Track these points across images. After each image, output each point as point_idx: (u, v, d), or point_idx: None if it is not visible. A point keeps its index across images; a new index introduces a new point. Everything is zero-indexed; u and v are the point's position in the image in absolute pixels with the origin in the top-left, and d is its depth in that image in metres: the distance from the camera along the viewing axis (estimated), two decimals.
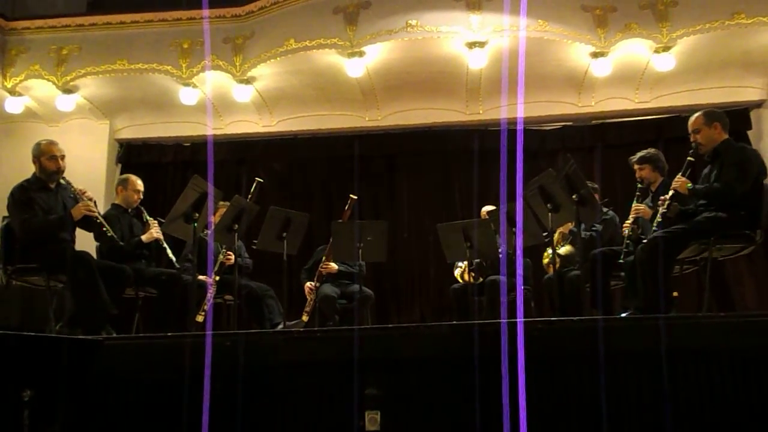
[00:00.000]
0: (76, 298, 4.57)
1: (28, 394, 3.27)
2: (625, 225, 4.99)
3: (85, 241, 5.08)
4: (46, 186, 4.80)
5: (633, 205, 4.96)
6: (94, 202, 4.87)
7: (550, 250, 5.50)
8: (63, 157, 4.82)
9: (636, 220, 4.92)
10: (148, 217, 5.28)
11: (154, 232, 5.19)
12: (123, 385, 3.67)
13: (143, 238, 5.20)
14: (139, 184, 5.43)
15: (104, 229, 4.78)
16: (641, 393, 3.31)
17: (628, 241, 4.88)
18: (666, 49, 6.62)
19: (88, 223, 4.82)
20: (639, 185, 5.05)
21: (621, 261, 4.84)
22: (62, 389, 3.48)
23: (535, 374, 3.22)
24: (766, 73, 7.21)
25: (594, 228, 5.41)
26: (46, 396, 3.40)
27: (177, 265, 5.23)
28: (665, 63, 6.75)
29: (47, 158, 4.77)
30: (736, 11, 6.42)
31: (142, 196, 5.42)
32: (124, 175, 5.65)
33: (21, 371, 3.39)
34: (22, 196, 4.68)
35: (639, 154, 5.13)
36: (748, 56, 6.92)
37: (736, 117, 6.62)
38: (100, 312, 4.50)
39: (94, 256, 5.12)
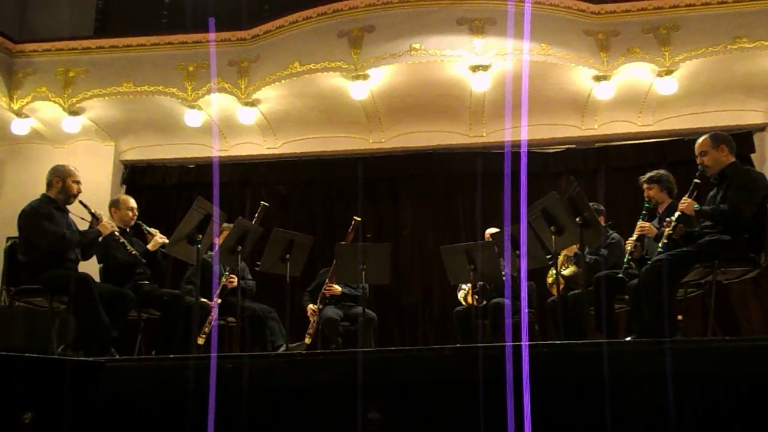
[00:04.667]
0: (78, 321, 4.59)
1: (28, 416, 3.26)
2: (627, 242, 4.97)
3: (86, 263, 5.10)
4: (57, 207, 4.86)
5: (638, 223, 4.95)
6: None
7: (553, 271, 5.47)
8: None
9: (640, 239, 4.90)
10: (148, 228, 5.30)
11: (159, 238, 5.21)
12: (125, 408, 3.64)
13: (149, 246, 5.22)
14: (132, 201, 5.46)
15: (128, 248, 4.96)
16: (646, 418, 3.27)
17: (629, 257, 4.86)
18: (668, 72, 6.67)
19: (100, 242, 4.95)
20: (646, 204, 5.05)
21: (620, 275, 4.82)
22: (64, 411, 3.46)
23: (539, 398, 3.19)
24: None
25: (600, 252, 5.38)
26: (48, 418, 3.38)
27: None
28: (668, 86, 6.79)
29: (73, 180, 4.89)
30: (738, 35, 6.47)
31: (137, 213, 5.44)
32: (115, 197, 5.72)
33: (22, 393, 3.38)
34: (45, 209, 4.75)
35: (648, 174, 5.12)
36: (751, 80, 6.95)
37: (740, 140, 6.59)
38: (102, 335, 4.51)
39: (97, 277, 5.13)
